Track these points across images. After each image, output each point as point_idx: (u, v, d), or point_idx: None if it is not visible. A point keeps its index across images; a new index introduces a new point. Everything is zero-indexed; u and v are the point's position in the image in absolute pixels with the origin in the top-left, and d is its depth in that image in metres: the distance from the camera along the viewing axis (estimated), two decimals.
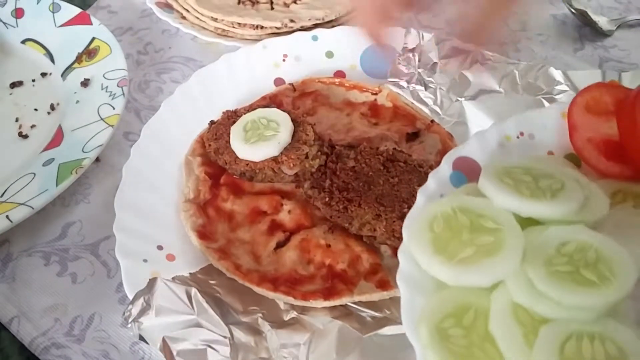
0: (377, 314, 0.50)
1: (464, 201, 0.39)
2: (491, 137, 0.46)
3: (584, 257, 0.36)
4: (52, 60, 0.75)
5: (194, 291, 0.48)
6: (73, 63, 0.73)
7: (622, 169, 0.45)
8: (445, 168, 0.44)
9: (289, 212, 0.58)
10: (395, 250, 0.55)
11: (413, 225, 0.38)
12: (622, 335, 0.33)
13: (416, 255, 0.37)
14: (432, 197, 0.42)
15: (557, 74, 0.66)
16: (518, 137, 0.46)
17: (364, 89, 0.70)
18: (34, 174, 0.60)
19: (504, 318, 0.35)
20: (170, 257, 0.54)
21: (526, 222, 0.39)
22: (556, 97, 0.65)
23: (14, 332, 0.51)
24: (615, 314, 0.35)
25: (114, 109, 0.65)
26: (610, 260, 0.35)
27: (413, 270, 0.38)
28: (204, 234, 0.56)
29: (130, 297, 0.48)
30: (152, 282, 0.47)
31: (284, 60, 0.73)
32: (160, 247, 0.54)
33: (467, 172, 0.44)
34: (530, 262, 0.35)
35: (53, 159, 0.61)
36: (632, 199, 0.44)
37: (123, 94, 0.67)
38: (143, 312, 0.46)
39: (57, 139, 0.64)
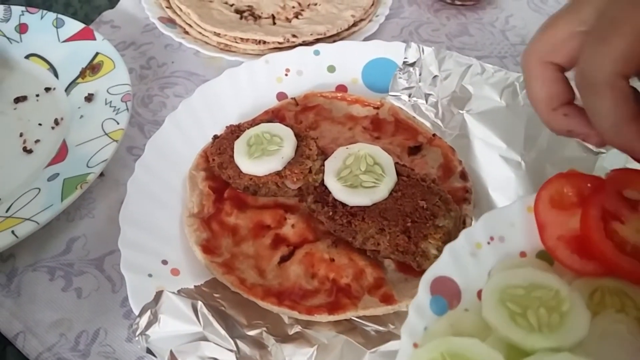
0: (381, 329, 0.51)
1: (452, 345, 0.38)
2: (462, 248, 0.45)
3: None
4: (56, 75, 0.76)
5: (199, 304, 0.48)
6: (77, 78, 0.74)
7: (596, 265, 0.43)
8: (423, 295, 0.42)
9: (293, 226, 0.58)
10: (399, 264, 0.55)
11: None
12: None
13: None
14: (416, 333, 0.41)
15: None
16: (489, 243, 0.45)
17: (366, 103, 0.71)
18: (39, 189, 0.60)
19: None
20: (175, 272, 0.54)
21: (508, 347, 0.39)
22: None
23: (19, 347, 0.52)
24: None
25: (118, 123, 0.66)
26: None
27: None
28: (208, 248, 0.56)
29: (136, 311, 0.48)
30: (159, 295, 0.48)
31: (286, 74, 0.73)
32: (165, 262, 0.55)
33: (446, 294, 0.43)
34: None
35: (58, 174, 0.61)
36: (610, 297, 0.43)
37: (127, 109, 0.67)
38: (150, 324, 0.46)
39: (62, 154, 0.65)
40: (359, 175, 0.57)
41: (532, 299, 0.40)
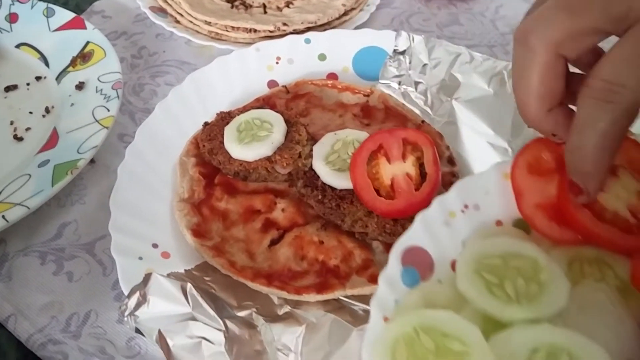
0: (369, 307, 0.51)
1: (425, 318, 0.36)
2: (435, 217, 0.43)
3: None
4: (47, 64, 0.76)
5: (189, 286, 0.48)
6: (68, 67, 0.74)
7: (575, 234, 0.42)
8: (394, 266, 0.41)
9: (283, 210, 0.59)
10: (386, 245, 0.56)
11: (374, 356, 0.35)
12: None
13: None
14: (386, 306, 0.39)
15: None
16: (463, 211, 0.43)
17: (356, 91, 0.71)
18: (30, 175, 0.60)
19: None
20: (165, 255, 0.55)
21: (485, 320, 0.38)
22: None
23: (10, 329, 0.52)
24: None
25: (108, 110, 0.66)
26: None
27: None
28: (198, 232, 0.57)
29: (126, 293, 0.49)
30: (148, 276, 0.48)
31: (277, 63, 0.74)
32: (155, 245, 0.55)
33: (418, 265, 0.41)
34: None
35: (48, 161, 0.62)
36: (589, 266, 0.42)
37: (117, 96, 0.67)
38: (139, 305, 0.46)
39: (52, 141, 0.65)
40: (347, 160, 0.58)
41: (509, 269, 0.39)
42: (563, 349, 0.34)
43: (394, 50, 0.73)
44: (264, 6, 0.83)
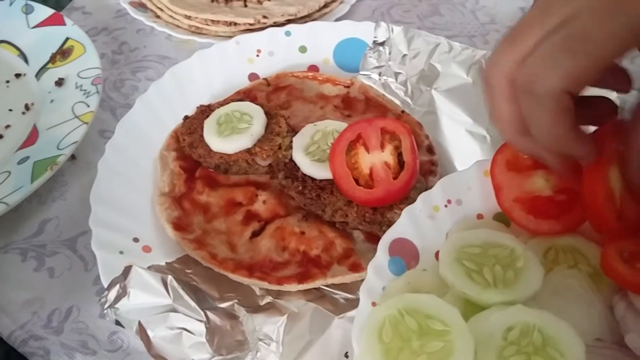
0: (349, 296, 0.52)
1: (409, 301, 0.39)
2: (420, 211, 0.46)
3: (531, 341, 0.36)
4: (26, 61, 0.76)
5: (169, 278, 0.49)
6: (47, 63, 0.74)
7: (550, 225, 0.45)
8: (382, 256, 0.44)
9: (264, 202, 0.59)
10: (367, 234, 0.56)
11: (362, 337, 0.38)
12: None
13: None
14: (374, 292, 0.42)
15: None
16: (446, 206, 0.47)
17: (337, 82, 0.72)
18: (9, 172, 0.60)
19: None
20: (147, 249, 0.55)
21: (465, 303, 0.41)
22: None
23: None
24: None
25: (88, 106, 0.66)
26: (556, 339, 0.36)
27: None
28: (179, 226, 0.57)
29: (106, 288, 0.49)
30: (128, 269, 0.48)
31: (257, 55, 0.74)
32: (136, 240, 0.55)
33: (404, 255, 0.45)
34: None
35: (28, 157, 0.62)
36: (563, 254, 0.45)
37: (97, 92, 0.67)
38: (119, 298, 0.46)
39: (32, 137, 0.65)
40: (326, 150, 0.58)
41: (488, 257, 0.41)
42: (534, 326, 0.37)
43: (374, 42, 0.74)
44: None
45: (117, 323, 0.46)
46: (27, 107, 0.71)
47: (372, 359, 0.37)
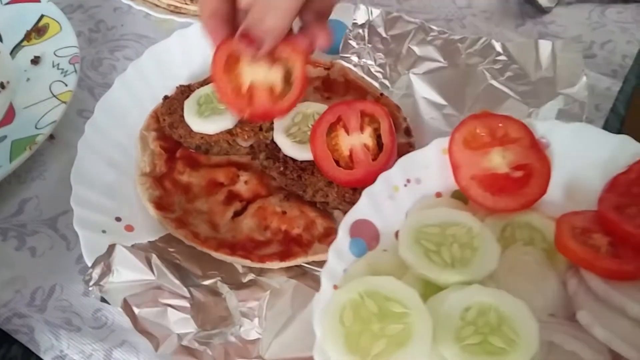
0: None
1: (369, 284, 0.39)
2: (380, 192, 0.46)
3: (487, 321, 0.37)
4: (0, 38, 0.74)
5: (153, 256, 0.49)
6: (22, 41, 0.73)
7: (507, 202, 0.46)
8: (342, 238, 0.44)
9: (246, 182, 0.60)
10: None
11: (324, 321, 0.38)
12: None
13: (331, 357, 0.37)
14: (336, 275, 0.43)
15: (497, 46, 0.70)
16: (405, 185, 0.47)
17: (317, 64, 0.72)
18: None
19: None
20: (129, 228, 0.55)
21: (424, 284, 0.41)
22: (495, 67, 0.69)
23: None
24: None
25: (66, 85, 0.66)
26: (512, 318, 0.37)
27: None
28: (161, 205, 0.57)
29: (90, 266, 0.49)
30: (112, 247, 0.49)
31: None
32: (118, 219, 0.56)
33: (365, 236, 0.45)
34: (442, 341, 0.36)
35: (5, 137, 0.61)
36: (520, 231, 0.46)
37: (75, 71, 0.67)
38: (103, 275, 0.47)
39: (9, 116, 0.64)
40: (307, 132, 0.59)
41: (446, 237, 0.42)
42: (491, 307, 0.38)
43: (353, 23, 0.75)
44: None
45: (103, 300, 0.47)
46: (2, 86, 0.70)
47: (334, 342, 0.37)
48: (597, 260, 0.40)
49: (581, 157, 0.47)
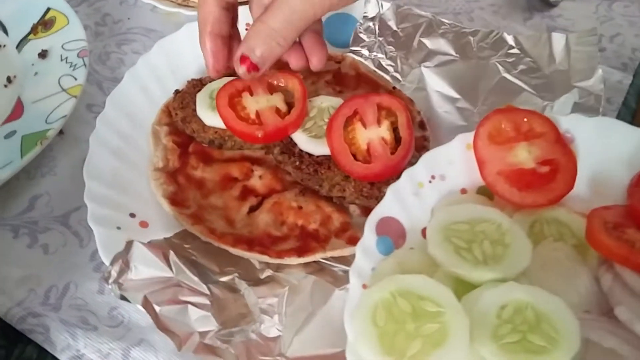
0: (348, 268, 0.52)
1: (401, 282, 0.38)
2: (404, 189, 0.45)
3: (525, 319, 0.36)
4: (5, 32, 0.73)
5: (171, 253, 0.49)
6: (28, 34, 0.72)
7: (534, 198, 0.45)
8: (369, 236, 0.43)
9: (260, 177, 0.59)
10: (363, 209, 0.57)
11: (356, 322, 0.37)
12: None
13: (365, 358, 0.36)
14: (364, 274, 0.42)
15: (509, 39, 0.70)
16: (430, 182, 0.46)
17: (328, 58, 0.71)
18: None
19: None
20: (144, 224, 0.54)
21: (456, 281, 0.40)
22: (508, 60, 0.68)
23: None
24: None
25: (75, 79, 0.65)
26: (550, 315, 0.36)
27: None
28: (175, 201, 0.56)
29: (107, 263, 0.49)
30: (129, 244, 0.48)
31: (246, 29, 0.72)
32: (132, 215, 0.55)
33: (391, 234, 0.44)
34: (479, 340, 0.35)
35: (15, 132, 0.60)
36: (548, 226, 0.45)
37: (84, 65, 0.66)
38: (122, 273, 0.46)
39: (17, 111, 0.63)
40: (323, 126, 0.58)
41: (476, 234, 0.42)
42: (527, 304, 0.37)
43: (364, 17, 0.74)
44: None
45: (123, 298, 0.46)
46: (9, 80, 0.68)
47: (368, 343, 0.36)
48: (632, 255, 0.39)
49: (606, 151, 0.46)
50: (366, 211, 0.57)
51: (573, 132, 0.48)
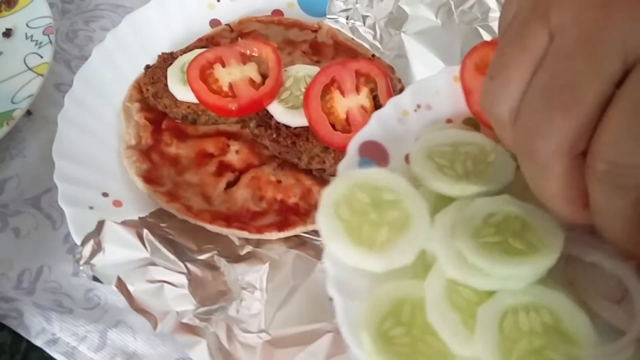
0: None
1: (356, 177, 0.38)
2: (389, 115, 0.45)
3: (511, 226, 0.36)
4: None
5: (145, 232, 0.47)
6: None
7: None
8: (351, 156, 0.42)
9: (237, 152, 0.57)
10: None
11: (322, 219, 0.37)
12: (553, 300, 0.34)
13: (339, 254, 0.36)
14: None
15: (492, 2, 0.68)
16: (415, 110, 0.45)
17: (304, 27, 0.69)
18: None
19: (440, 307, 0.34)
20: (117, 204, 0.53)
21: (437, 199, 0.39)
22: (490, 24, 0.67)
23: None
24: (545, 278, 0.35)
25: (41, 57, 0.62)
26: (537, 227, 0.35)
27: (342, 273, 0.36)
28: (149, 179, 0.55)
29: (79, 243, 0.47)
30: (101, 224, 0.46)
31: (218, 0, 0.71)
32: (105, 194, 0.53)
33: (374, 157, 0.43)
34: (459, 236, 0.35)
35: None
36: None
37: (50, 42, 0.63)
38: (94, 253, 0.45)
39: None
40: (300, 96, 0.57)
41: (459, 154, 0.41)
42: (517, 216, 0.36)
43: None
44: None
45: (95, 279, 0.45)
46: None
47: (337, 238, 0.35)
48: None
49: None
50: None
51: None
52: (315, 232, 0.52)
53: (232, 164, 0.57)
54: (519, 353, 0.32)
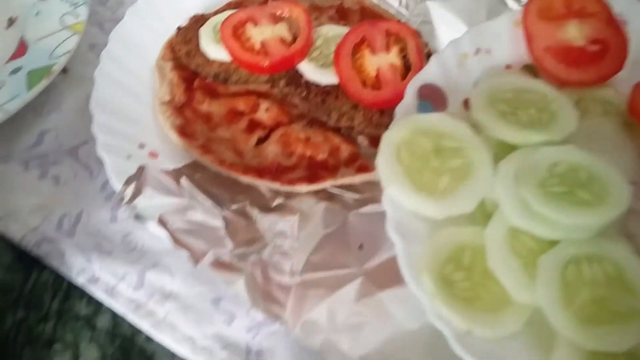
0: (357, 196, 0.53)
1: (419, 122, 0.38)
2: (449, 58, 0.44)
3: (576, 177, 0.35)
4: None
5: (183, 178, 0.49)
6: None
7: (581, 75, 0.44)
8: (411, 98, 0.42)
9: (267, 110, 0.59)
10: (372, 139, 0.57)
11: (382, 164, 0.37)
12: (617, 253, 0.34)
13: (399, 198, 0.36)
14: None
15: None
16: (475, 54, 0.45)
17: None
18: (3, 82, 0.58)
19: (501, 253, 0.34)
20: (153, 155, 0.55)
21: (498, 146, 0.39)
22: None
23: (1, 231, 0.51)
24: (607, 231, 0.35)
25: (77, 17, 0.64)
26: (602, 179, 0.35)
27: (401, 216, 0.37)
28: (184, 133, 0.56)
29: (118, 190, 0.49)
30: (141, 169, 0.48)
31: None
32: (141, 146, 0.55)
33: (433, 100, 0.43)
34: (524, 185, 0.35)
35: (20, 67, 0.60)
36: (593, 105, 0.44)
37: (85, 2, 0.65)
38: (135, 196, 0.47)
39: (22, 49, 0.63)
40: (330, 55, 0.58)
41: (521, 101, 0.41)
42: (582, 166, 0.36)
43: None
44: None
45: (137, 217, 0.46)
46: (10, 21, 0.68)
47: (397, 181, 0.36)
48: None
49: None
50: (375, 142, 0.57)
51: (627, 16, 0.46)
52: (344, 187, 0.53)
53: (262, 122, 0.58)
54: (581, 302, 0.32)
